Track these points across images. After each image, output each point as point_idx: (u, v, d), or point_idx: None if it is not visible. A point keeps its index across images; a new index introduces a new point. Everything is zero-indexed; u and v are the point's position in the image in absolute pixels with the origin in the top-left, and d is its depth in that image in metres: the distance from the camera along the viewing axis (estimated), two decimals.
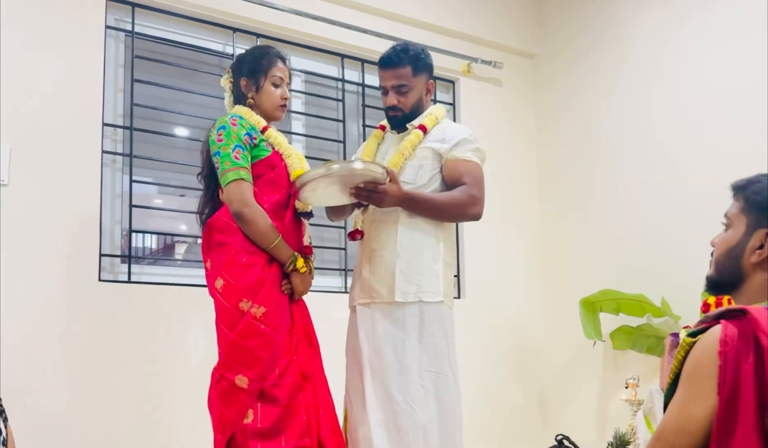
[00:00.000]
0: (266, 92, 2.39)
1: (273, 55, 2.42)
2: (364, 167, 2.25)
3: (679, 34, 3.68)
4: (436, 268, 2.37)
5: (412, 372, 2.28)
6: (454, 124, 2.54)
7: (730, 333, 1.22)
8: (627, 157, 3.90)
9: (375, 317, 2.36)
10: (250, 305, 2.15)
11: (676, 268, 3.56)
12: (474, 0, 4.24)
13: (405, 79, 2.45)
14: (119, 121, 3.16)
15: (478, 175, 2.41)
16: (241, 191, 2.19)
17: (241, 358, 2.14)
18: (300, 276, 2.29)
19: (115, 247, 3.08)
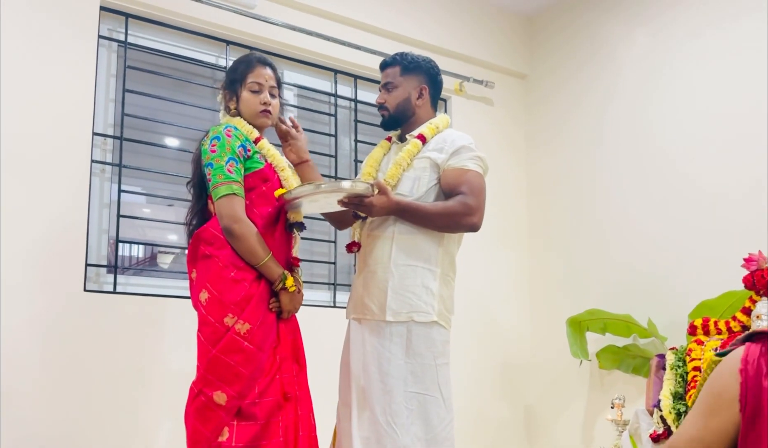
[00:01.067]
0: (244, 100, 2.33)
1: (251, 61, 2.36)
2: (351, 186, 2.22)
3: (669, 57, 3.72)
4: (431, 286, 2.31)
5: (396, 393, 2.22)
6: (455, 133, 2.44)
7: (752, 353, 1.25)
8: (615, 179, 3.92)
9: (365, 334, 2.32)
10: (235, 321, 2.11)
11: (663, 289, 3.58)
12: (467, 20, 4.28)
13: (391, 77, 2.46)
14: (110, 131, 3.16)
15: (476, 184, 2.32)
16: (233, 207, 2.16)
17: (221, 374, 2.09)
18: (289, 295, 2.25)
19: (101, 257, 3.06)
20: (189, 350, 2.95)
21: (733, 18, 3.42)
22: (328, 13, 3.71)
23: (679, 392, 2.91)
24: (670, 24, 3.73)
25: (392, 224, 2.34)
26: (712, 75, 3.51)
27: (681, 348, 3.04)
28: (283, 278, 2.22)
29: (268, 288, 2.23)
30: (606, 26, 4.09)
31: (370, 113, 3.99)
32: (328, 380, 2.52)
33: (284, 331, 2.28)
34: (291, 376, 2.25)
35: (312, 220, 3.59)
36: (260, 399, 2.12)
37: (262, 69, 2.34)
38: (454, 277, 2.44)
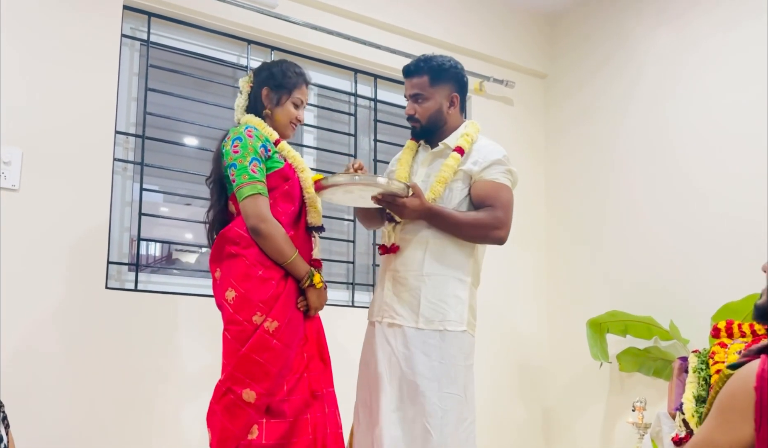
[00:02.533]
0: (285, 109, 2.38)
1: (302, 77, 2.41)
2: (387, 183, 2.24)
3: (693, 56, 3.68)
4: (461, 296, 2.34)
5: (431, 394, 2.23)
6: (489, 143, 2.46)
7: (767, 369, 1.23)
8: (636, 179, 3.89)
9: (396, 338, 2.32)
10: (264, 319, 2.12)
11: (685, 291, 3.54)
12: (487, 19, 4.26)
13: (420, 88, 2.41)
14: (131, 130, 3.17)
15: (506, 199, 2.35)
16: (259, 206, 2.17)
17: (251, 372, 2.10)
18: (316, 292, 2.27)
19: (122, 255, 3.08)
20: (210, 347, 2.99)
21: (756, 15, 3.37)
22: (349, 13, 3.71)
23: (702, 395, 2.87)
24: (694, 22, 3.69)
25: (426, 230, 2.35)
26: (735, 75, 3.47)
27: (704, 351, 3.00)
28: (311, 274, 2.25)
29: (296, 286, 2.25)
30: (627, 25, 4.05)
31: (390, 113, 3.99)
32: (346, 379, 2.52)
33: (310, 329, 2.30)
34: (318, 374, 2.26)
35: (330, 219, 3.60)
36: (289, 397, 2.15)
37: (306, 88, 2.44)
38: (479, 285, 2.47)
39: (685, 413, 2.85)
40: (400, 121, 3.98)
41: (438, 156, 2.44)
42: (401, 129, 3.92)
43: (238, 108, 2.43)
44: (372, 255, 3.79)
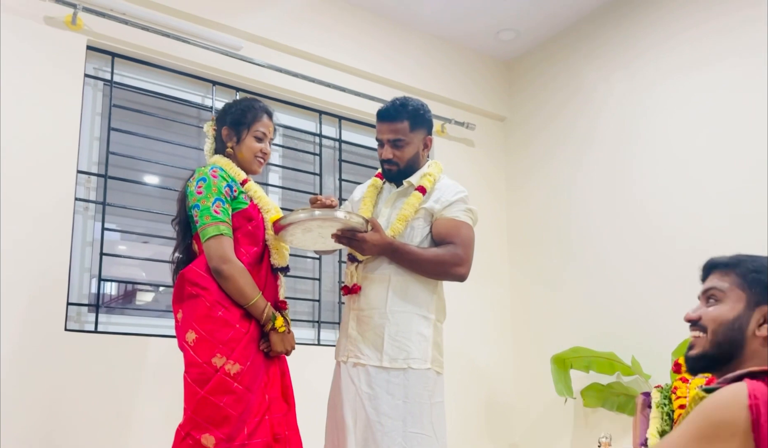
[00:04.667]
0: (246, 145, 2.36)
1: (259, 110, 2.40)
2: (346, 217, 2.25)
3: (646, 100, 3.81)
4: (426, 333, 2.33)
5: (395, 434, 2.22)
6: (450, 183, 2.48)
7: (759, 389, 1.25)
8: (596, 218, 3.98)
9: (360, 377, 2.30)
10: (224, 361, 2.08)
11: (646, 327, 3.60)
12: (448, 63, 4.36)
13: (401, 133, 2.41)
14: (94, 169, 3.14)
15: (467, 236, 2.37)
16: (222, 247, 2.15)
17: (210, 416, 2.05)
18: (279, 335, 2.23)
19: (82, 295, 3.02)
20: (172, 390, 2.91)
21: (709, 61, 3.52)
22: (313, 56, 3.77)
23: (665, 430, 2.91)
24: (647, 67, 3.83)
25: (388, 269, 2.35)
26: (688, 117, 3.60)
27: (666, 386, 3.05)
28: (273, 318, 2.21)
29: (258, 328, 2.21)
30: (584, 70, 4.19)
31: (354, 152, 4.03)
32: (313, 419, 2.48)
33: (273, 370, 2.26)
34: (281, 416, 2.21)
35: (295, 257, 3.59)
36: (250, 441, 2.09)
37: (268, 120, 2.42)
38: (444, 321, 2.47)
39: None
40: (365, 161, 4.02)
41: (402, 195, 2.46)
42: (366, 168, 3.95)
43: (207, 153, 2.43)
44: (337, 293, 3.78)
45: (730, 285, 1.50)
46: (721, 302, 1.50)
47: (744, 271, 1.49)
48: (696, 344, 1.50)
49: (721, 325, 1.47)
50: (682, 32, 3.67)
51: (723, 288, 1.50)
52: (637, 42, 3.89)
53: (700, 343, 1.48)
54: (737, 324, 1.45)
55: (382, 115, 2.45)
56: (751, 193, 3.26)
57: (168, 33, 3.26)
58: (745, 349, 1.44)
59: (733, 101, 3.41)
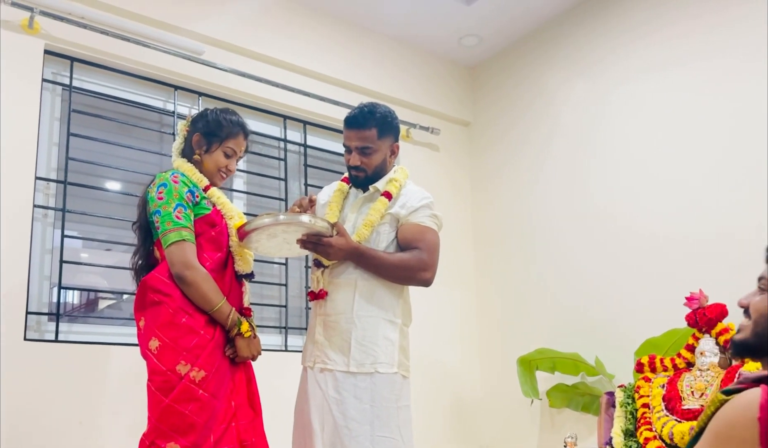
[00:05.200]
0: (214, 157, 2.33)
1: (236, 126, 2.36)
2: (311, 221, 2.24)
3: (605, 104, 3.88)
4: (392, 337, 2.33)
5: (363, 438, 2.21)
6: (416, 189, 2.49)
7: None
8: (560, 221, 4.03)
9: (328, 383, 2.29)
10: (189, 369, 2.05)
11: (609, 328, 3.65)
12: (412, 69, 4.38)
13: (370, 141, 2.40)
14: (53, 175, 3.08)
15: (432, 242, 2.38)
16: (184, 253, 2.12)
17: (175, 424, 2.01)
18: (245, 341, 2.20)
19: (42, 304, 2.95)
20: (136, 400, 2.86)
21: (666, 66, 3.60)
22: (277, 60, 3.75)
23: (629, 429, 2.96)
24: (606, 72, 3.90)
25: (354, 274, 2.35)
26: (646, 120, 3.67)
27: (629, 385, 3.10)
28: (238, 323, 2.19)
29: (224, 334, 2.19)
30: (545, 75, 4.25)
31: (320, 158, 4.02)
32: (281, 426, 2.46)
33: (239, 376, 2.23)
34: (247, 423, 2.19)
35: (262, 263, 3.56)
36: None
37: (243, 139, 2.38)
38: (410, 325, 2.48)
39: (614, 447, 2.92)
40: (330, 166, 4.01)
41: (368, 200, 2.46)
42: (331, 174, 3.95)
43: (175, 150, 2.39)
44: (304, 298, 3.76)
45: None
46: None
47: None
48: (741, 330, 1.43)
49: (763, 316, 1.39)
50: (639, 38, 3.74)
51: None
52: (596, 47, 3.97)
53: (745, 330, 1.42)
54: None
55: (350, 123, 2.44)
56: (711, 192, 3.33)
57: (128, 37, 3.21)
58: None
59: (690, 103, 3.48)
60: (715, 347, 2.88)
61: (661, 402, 2.89)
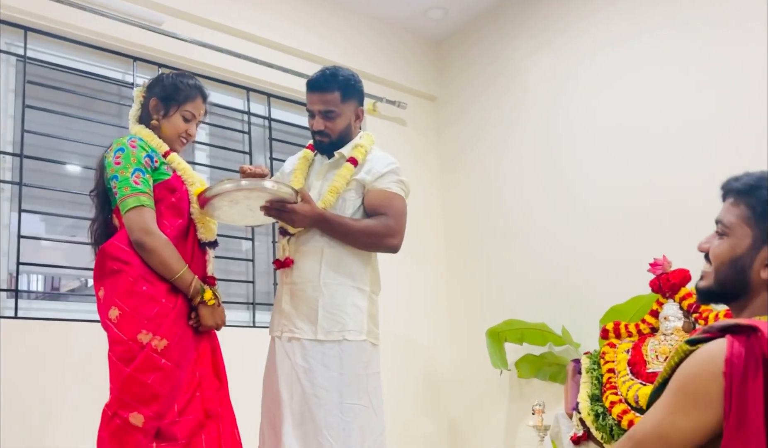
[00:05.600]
0: (172, 122, 2.28)
1: (193, 89, 2.31)
2: (274, 187, 2.20)
3: (571, 75, 3.89)
4: (360, 305, 2.32)
5: (331, 406, 2.20)
6: (381, 154, 2.46)
7: (737, 352, 1.14)
8: (526, 193, 4.04)
9: (295, 351, 2.27)
10: (151, 338, 2.01)
11: (574, 297, 3.69)
12: (377, 41, 4.34)
13: (333, 105, 2.36)
14: (9, 149, 2.98)
15: (398, 208, 2.36)
16: (143, 219, 2.07)
17: (137, 394, 1.98)
18: (208, 309, 2.16)
19: (1, 281, 2.87)
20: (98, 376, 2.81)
21: (632, 36, 3.61)
22: (239, 31, 3.68)
23: (595, 394, 2.99)
24: (571, 44, 3.91)
25: (320, 241, 2.31)
26: (611, 91, 3.69)
27: (595, 352, 3.14)
28: (201, 291, 2.15)
29: (186, 302, 2.15)
30: (511, 48, 4.24)
31: (285, 131, 3.96)
32: (249, 402, 2.43)
33: (203, 346, 2.20)
34: (212, 392, 2.16)
35: (228, 238, 3.51)
36: (180, 418, 2.03)
37: (201, 102, 2.33)
38: (379, 293, 2.46)
39: (581, 412, 2.95)
40: (296, 140, 3.96)
41: (333, 167, 2.43)
42: (297, 147, 3.88)
43: (131, 117, 2.33)
44: (272, 274, 3.72)
45: (737, 219, 1.36)
46: (728, 235, 1.37)
47: (755, 202, 1.34)
48: (704, 277, 1.41)
49: (722, 263, 1.36)
50: (605, 8, 3.75)
51: (729, 223, 1.37)
52: (561, 19, 3.97)
53: (707, 278, 1.40)
54: (740, 264, 1.33)
55: (312, 86, 2.40)
56: (673, 160, 3.37)
57: (84, 6, 3.12)
58: (749, 290, 1.33)
59: (654, 74, 3.51)
60: (679, 312, 2.92)
61: (626, 367, 2.93)
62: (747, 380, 1.11)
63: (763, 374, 1.11)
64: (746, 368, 1.12)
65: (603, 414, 2.86)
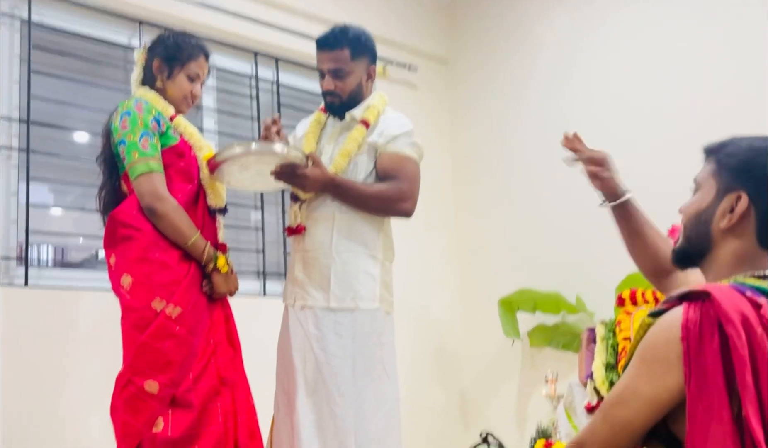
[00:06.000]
0: (177, 83, 2.24)
1: (196, 48, 2.26)
2: (284, 151, 2.15)
3: (586, 36, 3.81)
4: (373, 272, 2.29)
5: (345, 374, 2.18)
6: (395, 116, 2.40)
7: (692, 318, 1.15)
8: (540, 157, 3.97)
9: (308, 319, 2.24)
10: (165, 305, 2.00)
11: (590, 265, 3.64)
12: (389, 3, 4.25)
13: (342, 63, 2.29)
14: (15, 115, 2.93)
15: (411, 171, 2.31)
16: (153, 184, 2.04)
17: (152, 361, 1.98)
18: (222, 276, 2.15)
19: (10, 249, 2.84)
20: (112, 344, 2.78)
21: None
22: None
23: (610, 362, 2.96)
24: (585, 3, 3.82)
25: (332, 207, 2.27)
26: (627, 52, 3.62)
27: (610, 320, 3.10)
28: (214, 257, 2.12)
29: (199, 269, 2.12)
30: (524, 5, 4.14)
31: (294, 97, 3.90)
32: (262, 371, 2.41)
33: (217, 313, 2.18)
34: (227, 360, 2.15)
35: (237, 207, 3.47)
36: (195, 385, 2.03)
37: (204, 61, 2.28)
38: (393, 260, 2.42)
39: (595, 381, 2.93)
40: (306, 106, 3.89)
41: (345, 130, 2.37)
42: (307, 113, 3.81)
43: (134, 82, 2.30)
44: (282, 243, 3.69)
45: (706, 174, 1.37)
46: (698, 191, 1.38)
47: (721, 156, 1.34)
48: (678, 238, 1.40)
49: (689, 218, 1.37)
50: None
51: (700, 178, 1.39)
52: None
53: (679, 236, 1.40)
54: (704, 216, 1.33)
55: (321, 44, 2.33)
56: (692, 125, 3.30)
57: None
58: (712, 243, 1.32)
59: (671, 35, 3.44)
60: None
61: None
62: (703, 343, 1.13)
63: (719, 337, 1.12)
64: (702, 332, 1.13)
65: None
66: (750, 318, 1.13)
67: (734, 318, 1.11)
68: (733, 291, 1.18)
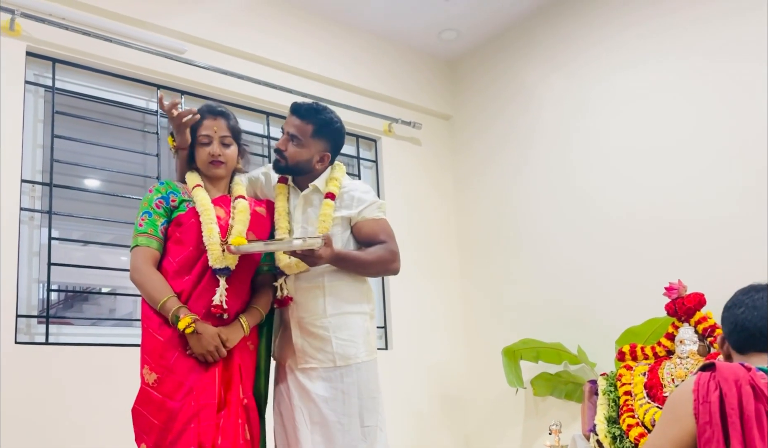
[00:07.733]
0: (198, 152, 2.31)
1: (201, 114, 2.30)
2: (303, 243, 2.21)
3: (583, 98, 3.95)
4: (366, 327, 2.43)
5: (354, 430, 2.29)
6: (354, 184, 2.49)
7: (702, 380, 1.62)
8: (540, 214, 4.09)
9: (313, 381, 2.34)
10: (147, 372, 2.13)
11: (591, 318, 3.74)
12: (392, 63, 4.42)
13: (301, 133, 2.38)
14: (38, 177, 3.07)
15: (390, 232, 2.48)
16: (135, 257, 2.19)
17: (141, 425, 2.12)
18: (194, 336, 2.09)
19: (31, 307, 2.95)
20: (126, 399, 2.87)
21: (644, 60, 3.67)
22: (259, 58, 3.76)
23: (612, 416, 3.03)
24: (583, 67, 3.97)
25: (320, 275, 2.37)
26: (625, 114, 3.74)
27: (611, 374, 3.18)
28: (175, 320, 2.09)
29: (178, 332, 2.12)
30: (524, 69, 4.30)
31: None
32: None
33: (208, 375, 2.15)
34: (210, 424, 2.10)
35: None
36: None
37: (211, 121, 2.30)
38: (374, 305, 2.56)
39: (598, 434, 3.00)
40: None
41: (309, 199, 2.44)
42: None
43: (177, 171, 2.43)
44: None
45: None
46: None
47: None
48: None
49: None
50: (617, 33, 3.81)
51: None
52: (574, 42, 4.02)
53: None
54: None
55: (293, 108, 2.44)
56: (689, 184, 3.42)
57: (109, 37, 3.20)
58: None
59: (667, 97, 3.56)
60: (695, 336, 2.96)
61: (643, 390, 2.97)
62: (708, 393, 1.58)
63: (719, 392, 1.57)
64: (708, 388, 1.59)
65: (620, 437, 2.91)
66: (740, 379, 1.57)
67: (729, 378, 1.58)
68: (738, 364, 1.62)
